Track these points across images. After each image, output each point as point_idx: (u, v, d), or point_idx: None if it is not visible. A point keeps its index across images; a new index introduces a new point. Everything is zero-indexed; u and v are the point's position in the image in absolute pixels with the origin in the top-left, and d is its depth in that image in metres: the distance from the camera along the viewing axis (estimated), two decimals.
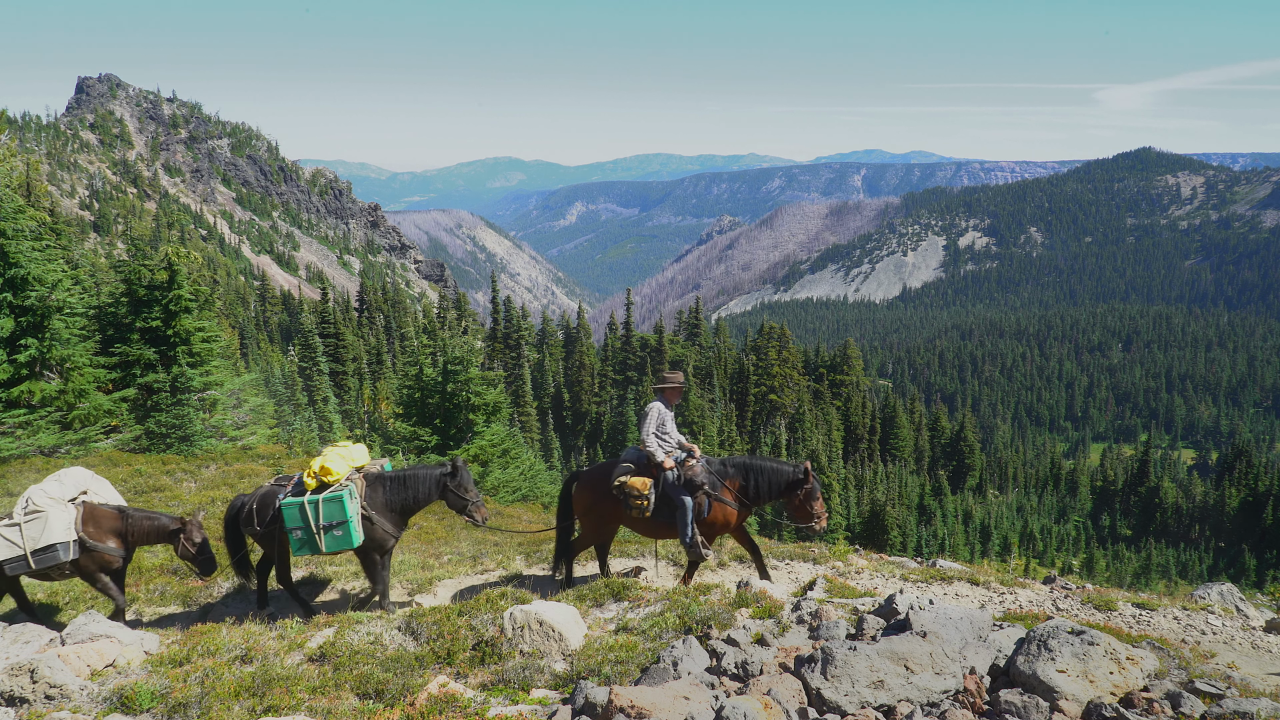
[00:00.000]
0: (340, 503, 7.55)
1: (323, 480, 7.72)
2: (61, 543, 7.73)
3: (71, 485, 8.22)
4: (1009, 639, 4.71)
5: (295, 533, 7.61)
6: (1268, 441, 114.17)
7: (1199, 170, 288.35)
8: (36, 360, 15.70)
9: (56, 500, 7.98)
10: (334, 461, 7.76)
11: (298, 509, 7.60)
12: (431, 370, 21.79)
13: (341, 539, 7.59)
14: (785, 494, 7.65)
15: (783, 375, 60.06)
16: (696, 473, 7.64)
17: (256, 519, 7.98)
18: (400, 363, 57.62)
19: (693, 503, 7.59)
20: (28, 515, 7.82)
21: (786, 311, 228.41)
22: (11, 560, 7.75)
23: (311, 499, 7.59)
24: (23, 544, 7.71)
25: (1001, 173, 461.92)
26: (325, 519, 7.54)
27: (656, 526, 7.84)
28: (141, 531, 8.10)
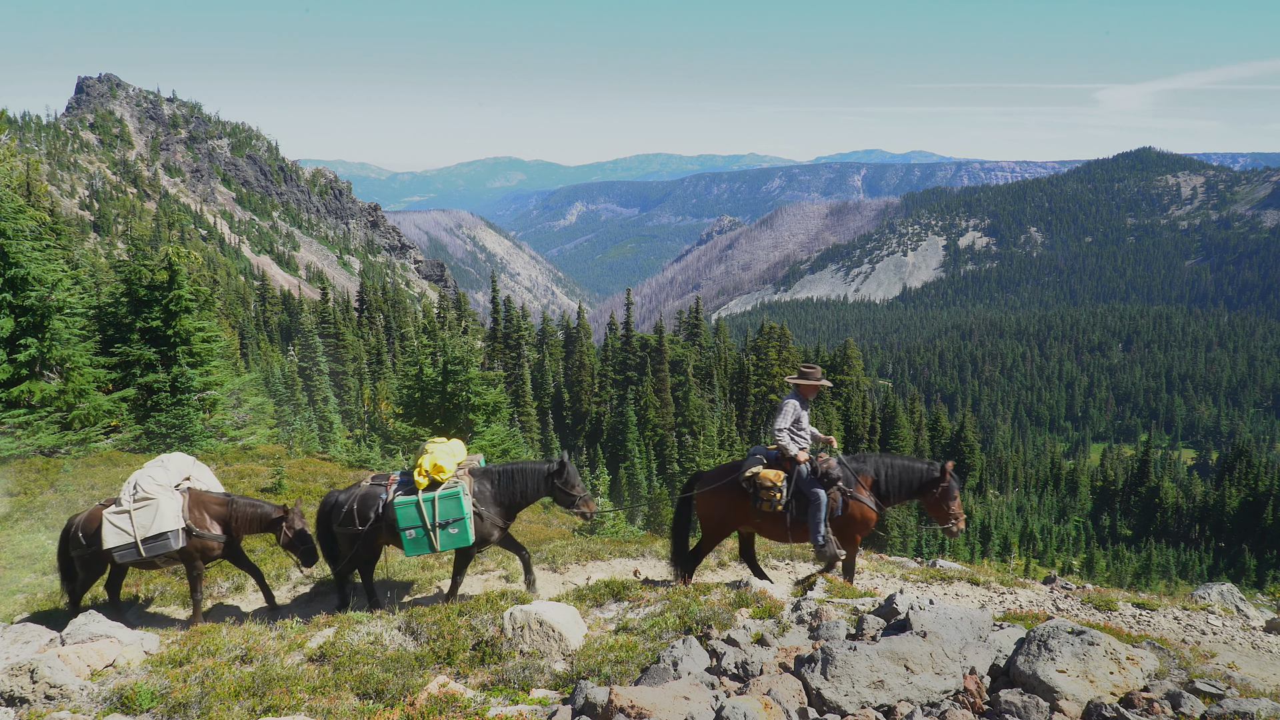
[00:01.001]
0: (457, 499, 7.42)
1: (434, 478, 7.56)
2: (172, 530, 7.57)
3: (176, 471, 8.06)
4: (1009, 639, 4.71)
5: (409, 532, 7.44)
6: (1268, 441, 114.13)
7: (1199, 170, 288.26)
8: (36, 360, 15.69)
9: (164, 487, 7.81)
10: (444, 458, 7.60)
11: (413, 507, 7.43)
12: (431, 370, 21.79)
13: (457, 536, 7.46)
14: (920, 493, 7.33)
15: (783, 375, 60.04)
16: (832, 466, 7.29)
17: (358, 519, 7.76)
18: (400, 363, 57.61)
19: (827, 498, 7.26)
20: (137, 502, 7.64)
21: (786, 311, 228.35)
22: (121, 548, 7.56)
23: (427, 497, 7.44)
24: (133, 531, 7.54)
25: (1001, 173, 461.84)
26: (442, 516, 7.40)
27: (785, 525, 7.45)
28: (245, 519, 7.98)
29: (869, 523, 7.41)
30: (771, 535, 7.63)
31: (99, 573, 8.07)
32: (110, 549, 7.56)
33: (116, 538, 7.54)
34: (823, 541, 7.25)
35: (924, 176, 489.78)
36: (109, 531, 7.56)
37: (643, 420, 49.91)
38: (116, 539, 7.54)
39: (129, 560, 7.66)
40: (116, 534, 7.54)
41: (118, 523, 7.57)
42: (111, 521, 7.59)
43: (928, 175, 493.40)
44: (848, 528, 7.43)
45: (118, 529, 7.55)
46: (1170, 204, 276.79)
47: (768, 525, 7.52)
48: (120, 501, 7.71)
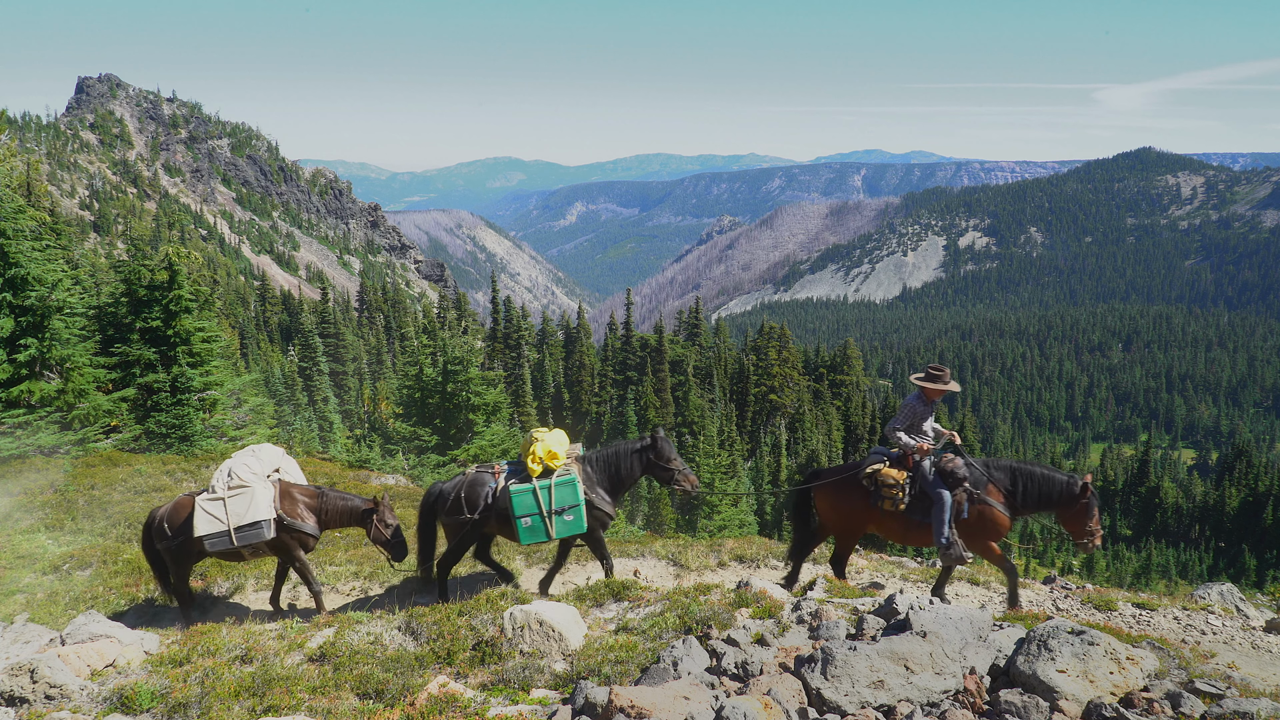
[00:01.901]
0: (573, 486, 7.39)
1: (548, 465, 7.50)
2: (265, 520, 7.44)
3: (267, 461, 7.93)
4: (1009, 639, 4.71)
5: (524, 520, 7.39)
6: (1268, 441, 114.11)
7: (1199, 170, 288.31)
8: (36, 360, 15.69)
9: (258, 475, 7.68)
10: (557, 445, 7.54)
11: (529, 495, 7.38)
12: (431, 370, 21.81)
13: (573, 523, 7.42)
14: (1058, 506, 7.00)
15: (783, 375, 60.05)
16: (957, 466, 7.05)
17: (467, 506, 7.70)
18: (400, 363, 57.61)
19: (952, 499, 6.99)
20: (232, 490, 7.50)
21: (786, 311, 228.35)
22: (213, 536, 7.41)
23: (543, 484, 7.40)
24: (226, 520, 7.39)
25: (1001, 173, 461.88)
26: (558, 503, 7.36)
27: (908, 526, 7.23)
28: (335, 512, 7.86)
29: (999, 529, 7.05)
30: (893, 536, 7.44)
31: (190, 563, 7.90)
32: (201, 537, 7.39)
33: (208, 525, 7.38)
34: (946, 543, 6.96)
35: (924, 176, 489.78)
36: (201, 519, 7.39)
37: (643, 420, 49.91)
38: (208, 527, 7.38)
39: (219, 550, 7.48)
40: (209, 521, 7.38)
41: (211, 510, 7.41)
42: (204, 509, 7.42)
43: (928, 175, 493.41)
44: (975, 533, 7.10)
45: (210, 516, 7.39)
46: (1170, 204, 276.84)
47: (889, 525, 7.35)
48: (213, 489, 7.54)
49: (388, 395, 51.77)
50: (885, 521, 7.33)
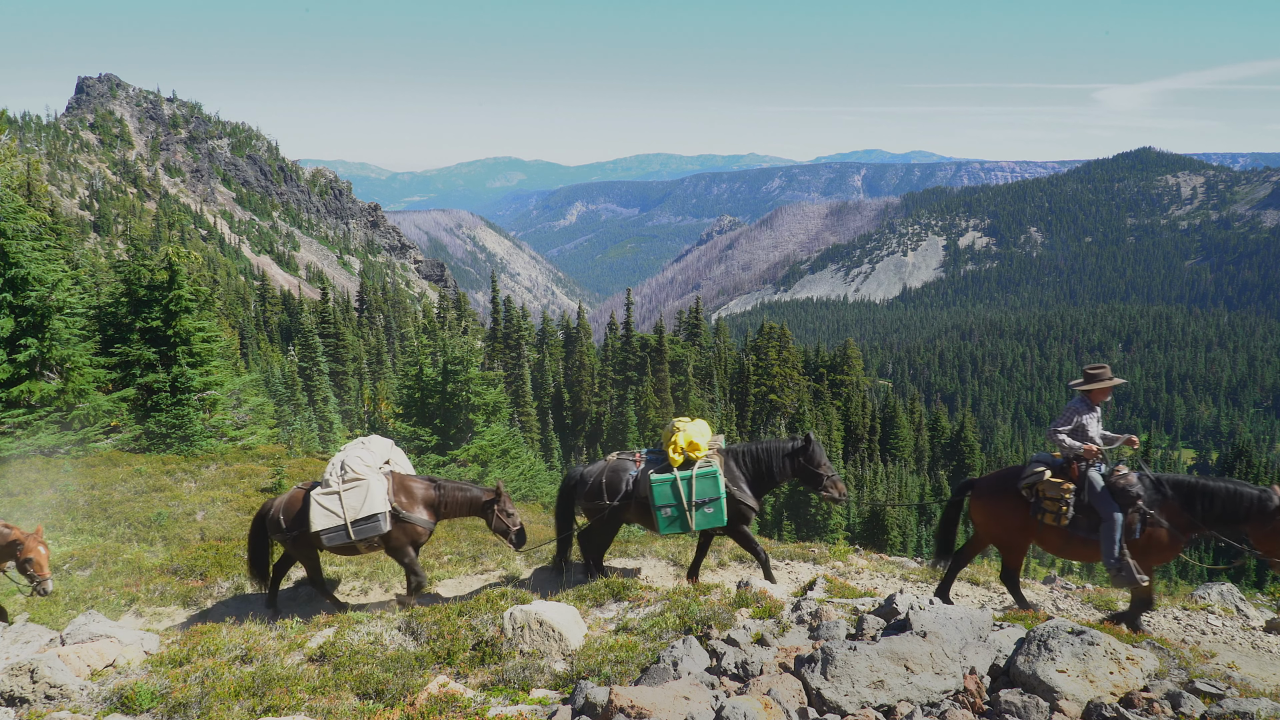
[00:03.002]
0: (714, 479, 7.28)
1: (689, 455, 7.39)
2: (381, 513, 7.33)
3: (378, 453, 7.82)
4: (1009, 639, 4.71)
5: (665, 510, 7.31)
6: (1268, 441, 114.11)
7: (1199, 170, 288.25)
8: (36, 360, 15.69)
9: (372, 468, 7.56)
10: (699, 436, 7.43)
11: (669, 485, 7.29)
12: (431, 370, 21.81)
13: (712, 516, 7.30)
14: (1247, 521, 6.32)
15: (783, 375, 60.03)
16: (1131, 483, 6.44)
17: (608, 493, 7.62)
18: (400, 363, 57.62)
19: (1123, 519, 6.39)
20: (346, 483, 7.39)
21: (786, 311, 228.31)
22: (330, 530, 7.30)
23: (684, 475, 7.30)
24: (342, 513, 7.28)
25: (1001, 173, 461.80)
26: (698, 495, 7.25)
27: (1071, 541, 6.65)
28: (454, 503, 7.79)
29: (1169, 552, 6.47)
30: (1053, 549, 6.90)
31: (312, 554, 7.83)
32: (318, 531, 7.30)
33: (325, 520, 7.28)
34: (1117, 564, 6.38)
35: (924, 176, 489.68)
36: (317, 513, 7.29)
37: (643, 420, 49.90)
38: (325, 521, 7.28)
39: (337, 544, 7.39)
40: (325, 516, 7.28)
41: (326, 504, 7.31)
42: (320, 503, 7.32)
43: (928, 175, 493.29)
44: (1142, 554, 6.47)
45: (326, 511, 7.29)
46: (1170, 204, 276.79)
47: (1049, 538, 6.79)
48: (327, 483, 7.44)
49: (388, 395, 51.78)
50: (1045, 535, 6.78)
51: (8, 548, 7.60)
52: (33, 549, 7.52)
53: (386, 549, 7.70)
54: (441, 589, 9.05)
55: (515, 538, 7.73)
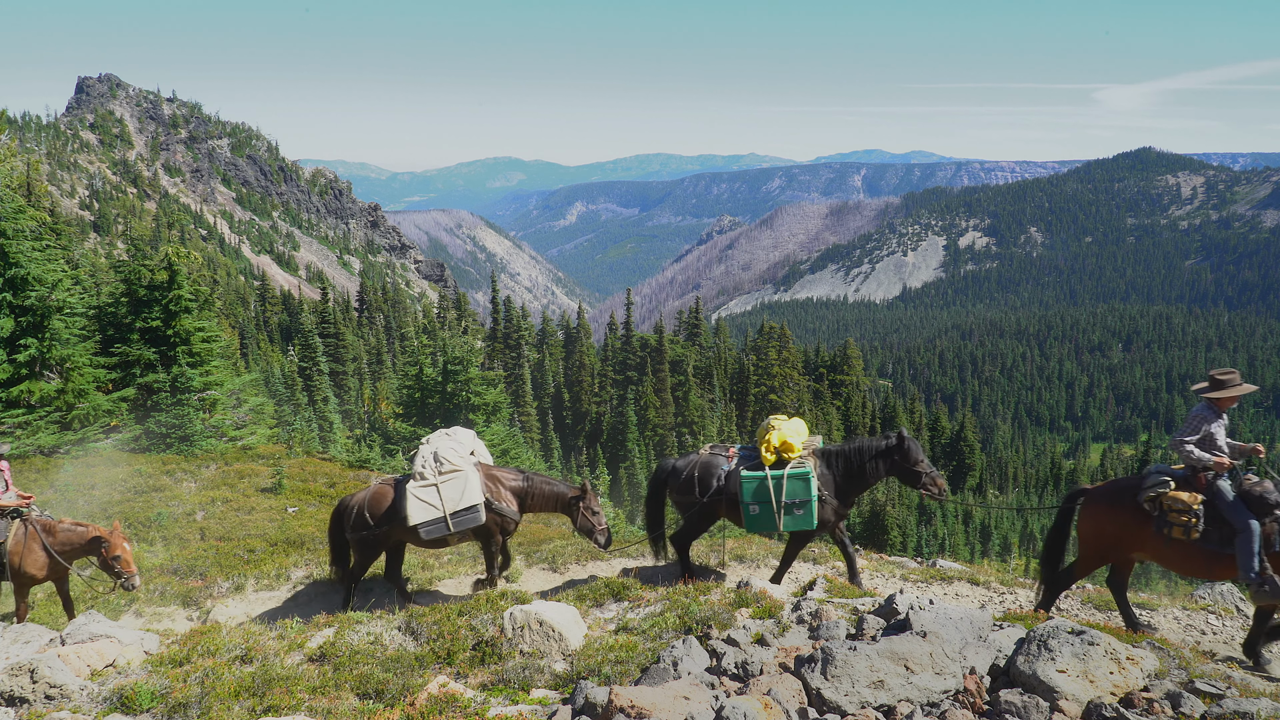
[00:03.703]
0: (807, 480, 7.09)
1: (783, 455, 7.23)
2: (478, 504, 7.26)
3: (464, 444, 7.75)
4: (1009, 639, 4.71)
5: (752, 508, 7.16)
6: (1267, 441, 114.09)
7: (1199, 170, 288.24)
8: (36, 360, 15.70)
9: (465, 459, 7.50)
10: (793, 436, 7.28)
11: (760, 483, 7.13)
12: (431, 370, 21.81)
13: (801, 519, 7.12)
14: None
15: (783, 375, 60.03)
16: (1268, 490, 6.08)
17: (698, 487, 7.48)
18: (400, 363, 57.60)
19: (1260, 529, 5.97)
20: (444, 475, 7.31)
21: (786, 311, 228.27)
22: (429, 523, 7.22)
23: (775, 474, 7.13)
24: (441, 506, 7.20)
25: (1001, 173, 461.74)
26: (789, 496, 7.08)
27: (1199, 556, 6.18)
28: (540, 496, 7.73)
29: None
30: (1175, 566, 6.43)
31: (379, 553, 7.79)
32: (416, 525, 7.22)
33: (423, 513, 7.19)
34: (1258, 578, 5.92)
35: (924, 176, 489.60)
36: (415, 507, 7.21)
37: (643, 420, 49.91)
38: (423, 514, 7.19)
39: (437, 535, 7.33)
40: (423, 509, 7.19)
41: (424, 497, 7.22)
42: (417, 496, 7.23)
43: (928, 175, 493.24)
44: None
45: (424, 504, 7.20)
46: (1170, 204, 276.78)
47: (1173, 554, 6.31)
48: (422, 475, 7.35)
49: (388, 395, 51.76)
50: (1168, 550, 6.32)
51: (88, 545, 7.61)
52: (119, 545, 7.54)
53: (477, 538, 7.68)
54: (441, 589, 9.05)
55: (601, 537, 7.63)
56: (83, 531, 7.68)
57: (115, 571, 7.53)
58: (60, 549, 7.59)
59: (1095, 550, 6.85)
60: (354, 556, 7.86)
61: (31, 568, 7.54)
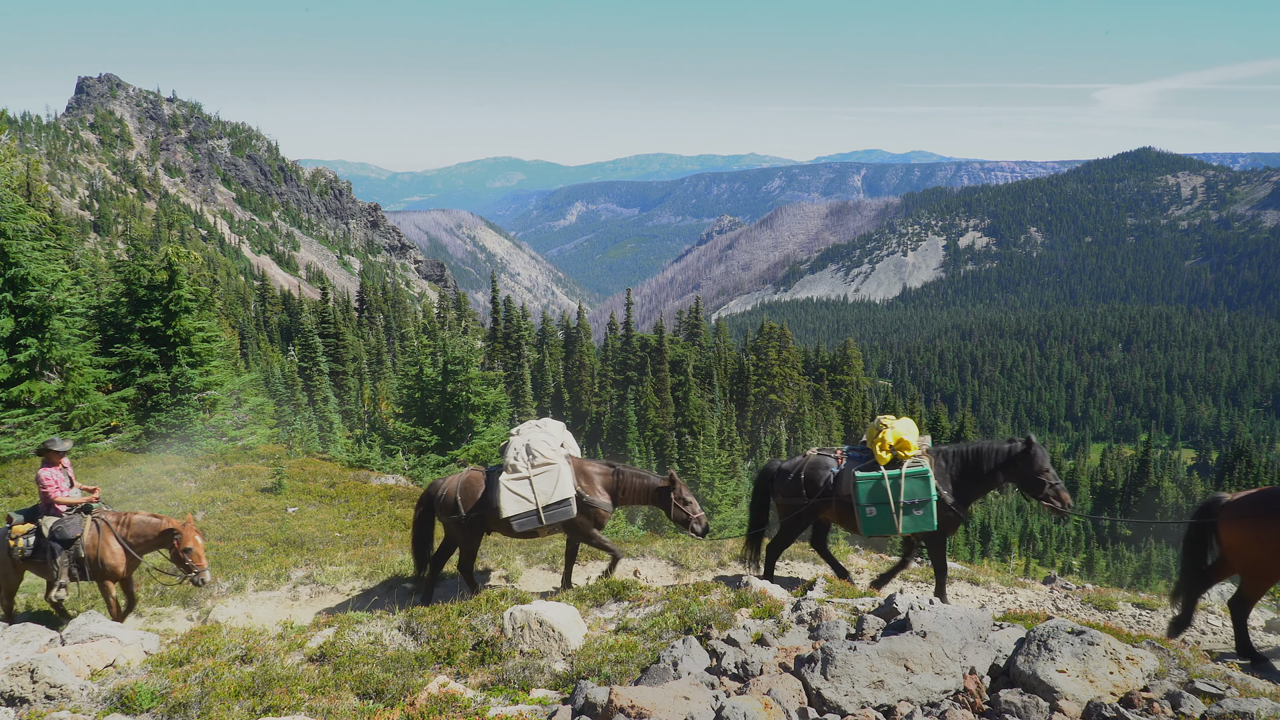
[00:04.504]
0: (926, 480, 6.82)
1: (898, 454, 6.98)
2: (570, 498, 7.24)
3: (555, 436, 7.69)
4: (1009, 639, 4.71)
5: (869, 510, 6.91)
6: (1268, 441, 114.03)
7: (1199, 170, 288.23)
8: (36, 360, 15.70)
9: (557, 452, 7.46)
10: (909, 434, 7.02)
11: (876, 483, 6.87)
12: (431, 370, 21.81)
13: (921, 520, 6.84)
14: None
15: (783, 375, 60.03)
16: None
17: (806, 488, 7.27)
18: (400, 363, 57.61)
19: None
20: (536, 468, 7.26)
21: (786, 311, 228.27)
22: (521, 516, 7.19)
23: (892, 474, 6.88)
24: (534, 498, 7.18)
25: (1001, 173, 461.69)
26: (907, 496, 6.81)
27: None
28: (631, 490, 7.66)
29: None
30: None
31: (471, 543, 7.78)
32: (509, 517, 7.20)
33: (516, 505, 7.17)
34: None
35: (924, 176, 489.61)
36: (508, 499, 7.19)
37: (643, 420, 49.89)
38: (516, 506, 7.17)
39: (529, 528, 7.31)
40: (516, 501, 7.18)
41: (517, 489, 7.20)
42: (510, 488, 7.20)
43: (928, 175, 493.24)
44: None
45: (517, 496, 7.18)
46: (1170, 204, 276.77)
47: None
48: (514, 467, 7.30)
49: (388, 395, 51.76)
50: None
51: (161, 537, 7.58)
52: (190, 538, 7.50)
53: (567, 532, 7.64)
54: (441, 589, 9.05)
55: (697, 526, 7.52)
56: (156, 524, 7.65)
57: (186, 565, 7.49)
58: (134, 541, 7.57)
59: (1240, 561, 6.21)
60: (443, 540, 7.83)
61: (112, 560, 7.50)
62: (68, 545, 7.41)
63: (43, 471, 7.59)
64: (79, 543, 7.43)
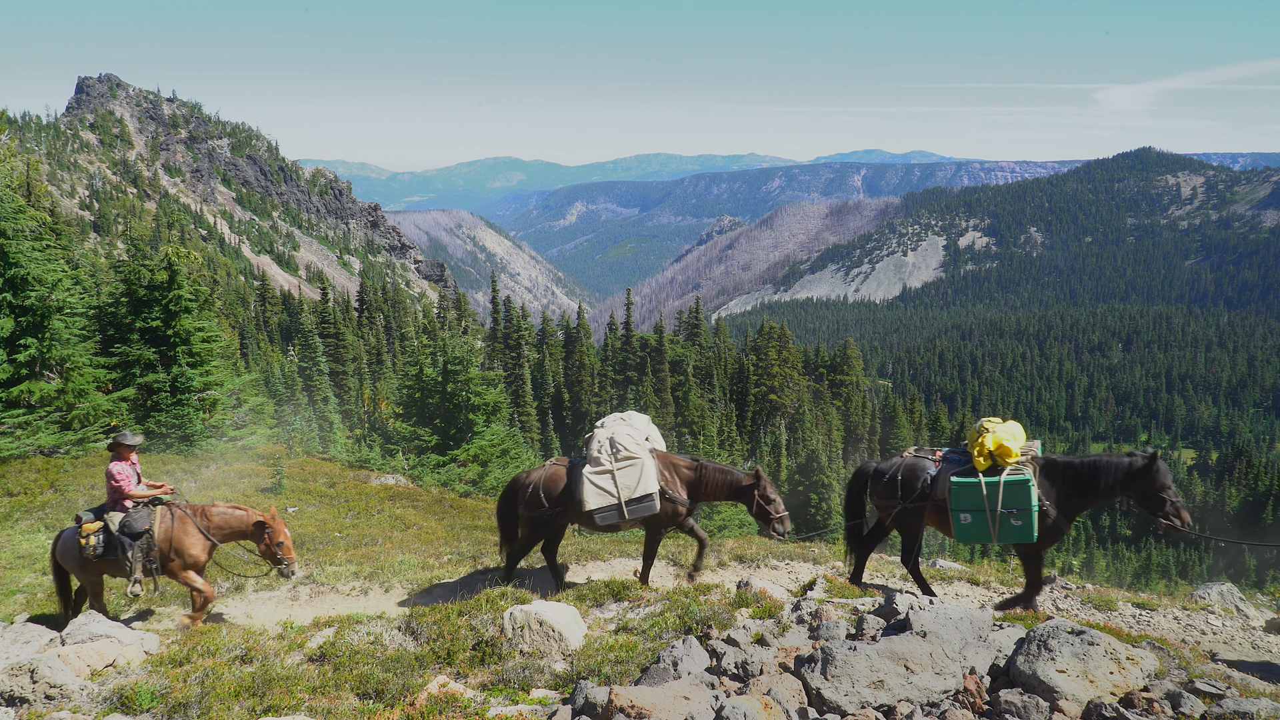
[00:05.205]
0: (1026, 488, 6.52)
1: (998, 460, 6.69)
2: (654, 493, 7.17)
3: (640, 429, 7.64)
4: (1009, 639, 4.71)
5: (964, 515, 6.67)
6: (1268, 441, 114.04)
7: (1199, 170, 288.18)
8: (36, 360, 15.69)
9: (642, 446, 7.39)
10: (1009, 440, 6.73)
11: (973, 489, 6.62)
12: (431, 370, 21.81)
13: (1020, 530, 6.53)
14: None
15: (783, 375, 60.03)
16: None
17: (902, 490, 7.11)
18: (400, 363, 57.58)
19: None
20: (620, 462, 7.21)
21: (786, 311, 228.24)
22: (603, 510, 7.15)
23: (990, 480, 6.60)
24: (616, 492, 7.13)
25: (1001, 173, 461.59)
26: (1005, 504, 6.51)
27: None
28: (715, 485, 7.57)
29: None
30: None
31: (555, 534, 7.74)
32: (592, 510, 7.17)
33: (599, 499, 7.14)
34: None
35: (924, 176, 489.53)
36: (591, 492, 7.16)
37: None
38: (599, 500, 7.14)
39: (610, 523, 7.26)
40: (599, 495, 7.15)
41: (600, 483, 7.16)
42: (593, 481, 7.17)
43: (928, 175, 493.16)
44: None
45: (600, 490, 7.15)
46: (1170, 204, 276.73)
47: None
48: (597, 460, 7.26)
49: (388, 395, 51.73)
50: None
51: (251, 530, 7.56)
52: (282, 531, 7.47)
53: (645, 526, 7.59)
54: (441, 589, 9.05)
55: (778, 526, 7.44)
56: (243, 516, 7.60)
57: (277, 558, 7.45)
58: (216, 532, 7.54)
59: None
60: (522, 533, 7.82)
61: (193, 549, 7.46)
62: (137, 538, 7.33)
63: (113, 465, 7.48)
64: (150, 536, 7.36)
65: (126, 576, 7.41)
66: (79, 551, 7.41)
